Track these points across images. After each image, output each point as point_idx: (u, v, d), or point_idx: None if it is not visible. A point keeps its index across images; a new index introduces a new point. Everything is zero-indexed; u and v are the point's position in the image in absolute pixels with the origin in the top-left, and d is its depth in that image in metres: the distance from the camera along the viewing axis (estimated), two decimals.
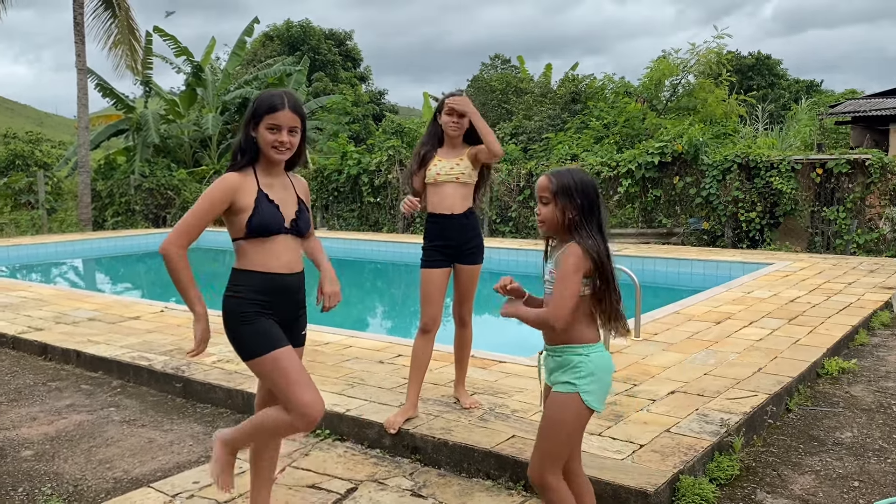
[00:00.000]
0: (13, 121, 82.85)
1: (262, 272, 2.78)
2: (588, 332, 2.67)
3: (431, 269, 4.20)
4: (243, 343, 2.76)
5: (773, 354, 5.39)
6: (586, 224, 2.62)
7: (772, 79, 40.96)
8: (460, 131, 4.16)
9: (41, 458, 4.10)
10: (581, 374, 2.63)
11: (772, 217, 12.51)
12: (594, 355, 2.65)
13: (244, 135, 2.81)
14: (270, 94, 2.80)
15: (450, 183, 4.15)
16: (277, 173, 2.88)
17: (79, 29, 18.33)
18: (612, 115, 17.66)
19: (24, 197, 20.32)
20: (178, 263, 2.71)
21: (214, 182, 2.77)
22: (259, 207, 2.75)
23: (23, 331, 6.63)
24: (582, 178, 2.67)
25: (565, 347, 2.67)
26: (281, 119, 2.75)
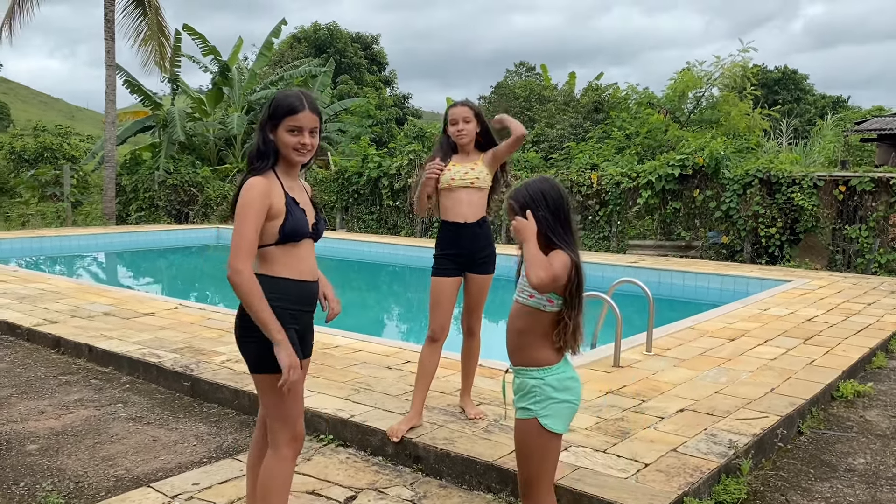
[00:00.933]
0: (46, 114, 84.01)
1: (294, 280, 2.71)
2: (545, 353, 2.62)
3: (442, 277, 4.18)
4: (263, 354, 2.64)
5: (787, 375, 5.30)
6: (559, 234, 2.56)
7: (798, 93, 40.57)
8: (469, 137, 4.14)
9: (45, 453, 4.12)
10: (537, 399, 2.60)
11: (792, 233, 12.35)
12: (550, 378, 2.60)
13: (262, 137, 2.72)
14: (287, 95, 2.72)
15: (464, 188, 4.12)
16: (294, 175, 2.82)
17: (109, 25, 18.56)
18: (635, 125, 17.54)
19: (49, 189, 20.59)
20: (254, 289, 2.56)
21: (245, 191, 2.62)
22: (291, 212, 2.68)
23: (38, 323, 6.69)
24: (537, 187, 2.60)
25: (522, 370, 2.65)
26: (302, 121, 2.68)
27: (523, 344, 2.64)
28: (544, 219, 2.57)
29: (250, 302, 2.57)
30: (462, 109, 4.12)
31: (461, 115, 4.11)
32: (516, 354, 2.68)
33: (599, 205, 14.37)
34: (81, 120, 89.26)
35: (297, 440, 2.75)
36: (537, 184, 2.63)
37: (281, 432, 2.71)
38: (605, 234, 14.33)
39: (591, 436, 4.03)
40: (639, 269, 11.27)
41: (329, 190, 18.54)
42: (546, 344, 2.62)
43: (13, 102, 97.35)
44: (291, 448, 2.73)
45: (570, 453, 3.77)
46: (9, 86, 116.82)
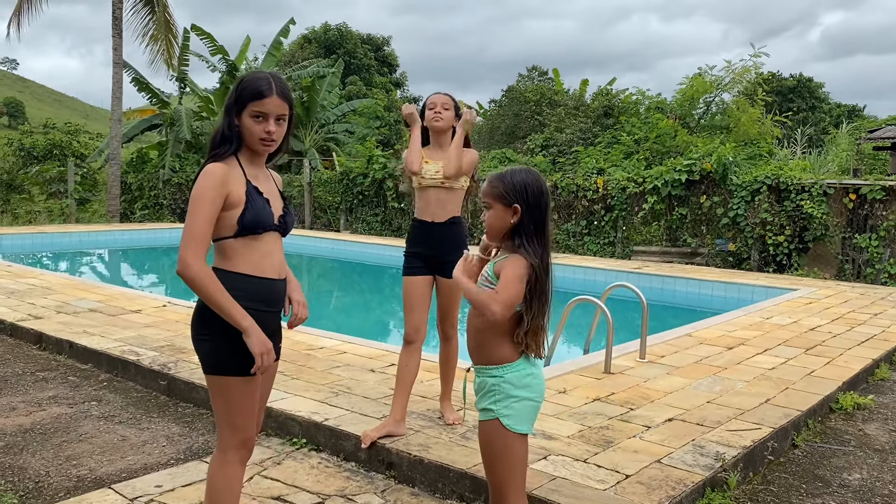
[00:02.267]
0: (60, 112, 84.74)
1: (255, 276, 2.51)
2: (504, 350, 2.49)
3: (412, 276, 4.02)
4: (220, 356, 2.49)
5: (784, 385, 5.11)
6: (529, 231, 2.44)
7: (813, 102, 40.20)
8: (445, 123, 3.96)
9: (9, 451, 3.99)
10: (497, 399, 2.48)
11: (801, 241, 12.11)
12: (510, 375, 2.48)
13: (227, 122, 2.52)
14: (256, 78, 2.51)
15: (434, 188, 3.96)
16: (260, 164, 2.62)
17: (116, 23, 18.55)
18: (644, 130, 17.34)
19: (55, 186, 20.59)
20: (206, 279, 2.38)
21: (200, 178, 2.44)
22: (251, 201, 2.48)
23: (22, 318, 6.59)
24: (524, 178, 2.47)
25: (482, 368, 2.53)
26: (268, 106, 2.47)
27: (482, 342, 2.51)
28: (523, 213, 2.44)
29: (206, 293, 2.39)
30: (443, 97, 3.99)
31: (441, 101, 3.97)
32: (476, 353, 2.56)
33: (605, 210, 14.18)
34: (95, 119, 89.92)
35: (245, 447, 2.59)
36: (521, 175, 2.49)
37: (228, 437, 2.55)
38: (610, 239, 14.14)
39: (573, 444, 3.86)
40: (642, 275, 11.08)
41: (334, 191, 18.43)
42: (505, 341, 2.49)
43: (28, 101, 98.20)
44: (238, 453, 2.57)
45: (548, 462, 3.60)
46: (24, 84, 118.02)
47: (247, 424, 2.57)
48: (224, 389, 2.52)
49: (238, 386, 2.52)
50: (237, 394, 2.53)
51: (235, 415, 2.54)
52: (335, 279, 14.04)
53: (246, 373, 2.51)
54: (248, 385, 2.54)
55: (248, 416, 2.57)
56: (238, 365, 2.50)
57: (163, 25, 19.83)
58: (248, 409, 2.56)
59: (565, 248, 14.52)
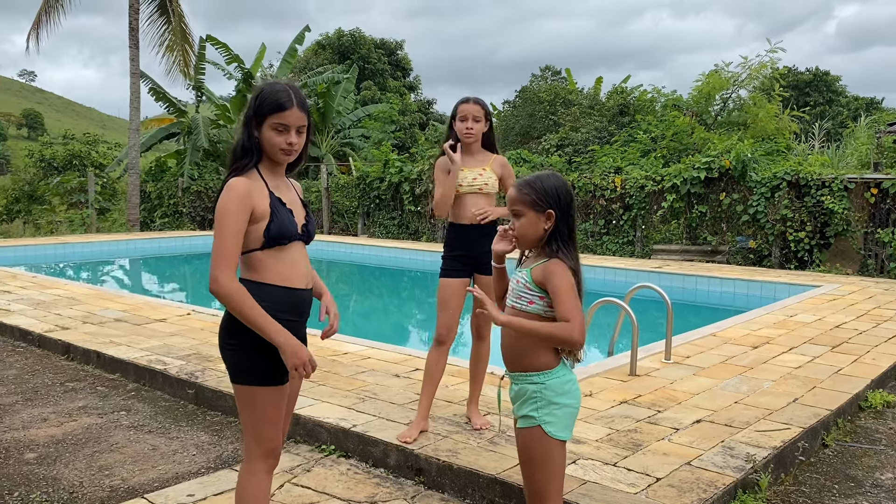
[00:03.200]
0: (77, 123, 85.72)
1: (285, 287, 2.53)
2: (545, 357, 2.49)
3: (450, 278, 4.10)
4: (247, 365, 2.50)
5: (812, 384, 5.07)
6: (564, 235, 2.47)
7: (830, 95, 39.82)
8: (476, 138, 4.07)
9: (43, 462, 4.04)
10: (539, 405, 2.47)
11: (822, 237, 12.01)
12: (551, 382, 2.48)
13: (247, 134, 2.53)
14: (275, 90, 2.52)
15: (471, 194, 4.07)
16: (280, 174, 2.64)
17: (133, 34, 18.73)
18: (660, 128, 17.27)
19: (76, 196, 20.82)
20: (238, 295, 2.39)
21: (224, 194, 2.44)
22: (276, 212, 2.50)
23: (49, 329, 6.67)
24: (554, 183, 2.49)
25: (521, 375, 2.52)
26: (289, 119, 2.49)
27: (523, 349, 2.51)
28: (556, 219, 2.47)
29: (239, 309, 2.41)
30: (474, 107, 4.00)
31: (472, 112, 4.00)
32: (515, 360, 2.55)
33: (623, 209, 14.13)
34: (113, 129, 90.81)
35: (272, 456, 2.59)
36: (551, 180, 2.51)
37: (254, 447, 2.57)
38: (629, 238, 14.08)
39: (602, 448, 3.85)
40: (663, 275, 11.03)
41: (350, 195, 18.50)
42: (545, 347, 2.49)
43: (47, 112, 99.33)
44: (265, 463, 2.58)
45: (578, 466, 3.60)
46: (43, 95, 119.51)
47: (273, 434, 2.58)
48: (250, 399, 2.54)
49: (264, 396, 2.54)
50: (263, 404, 2.54)
51: (261, 424, 2.55)
52: (354, 283, 14.09)
53: (272, 383, 2.53)
54: (275, 395, 2.55)
55: (275, 426, 2.58)
56: (265, 375, 2.52)
57: (179, 35, 20.00)
58: (274, 420, 2.57)
59: (584, 248, 14.47)
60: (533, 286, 2.48)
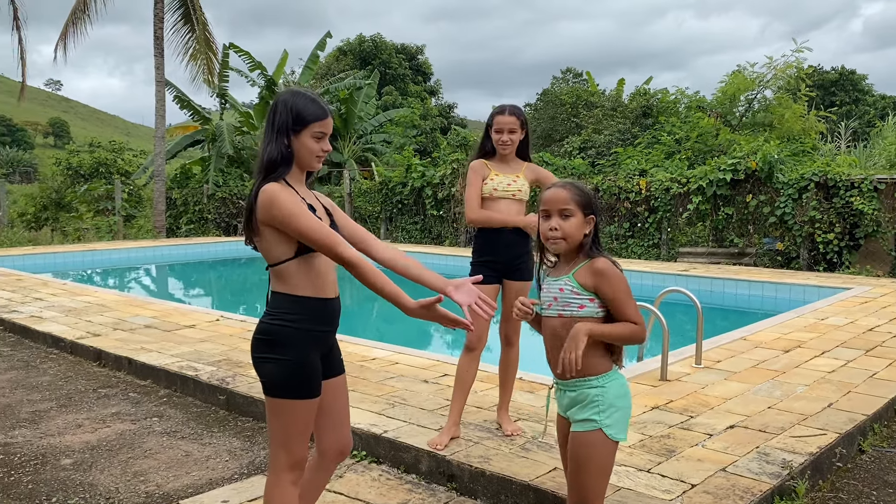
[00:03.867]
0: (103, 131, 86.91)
1: (317, 298, 2.55)
2: (602, 361, 2.53)
3: (479, 284, 4.07)
4: (283, 379, 2.51)
5: (847, 388, 5.00)
6: (596, 240, 2.55)
7: (856, 95, 39.31)
8: (513, 149, 4.11)
9: (79, 468, 4.09)
10: (601, 409, 2.49)
11: (851, 239, 11.85)
12: (610, 385, 2.52)
13: (283, 143, 2.54)
14: (309, 99, 2.56)
15: (505, 199, 4.08)
16: (303, 183, 2.67)
17: (158, 42, 18.96)
18: (685, 130, 17.14)
19: (103, 204, 21.09)
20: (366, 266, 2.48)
21: (274, 197, 2.44)
22: None
23: (81, 336, 6.75)
24: (590, 190, 2.58)
25: (579, 381, 2.52)
26: (327, 127, 2.58)
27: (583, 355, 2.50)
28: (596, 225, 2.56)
29: (372, 285, 2.49)
30: (510, 119, 4.01)
31: (508, 125, 4.02)
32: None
33: (648, 211, 14.04)
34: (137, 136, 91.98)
35: (298, 468, 2.60)
36: (585, 188, 2.59)
37: (281, 458, 2.57)
38: (654, 241, 13.99)
39: (635, 454, 3.83)
40: (690, 278, 10.94)
41: (373, 200, 18.56)
42: (600, 351, 2.53)
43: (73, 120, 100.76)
44: (291, 474, 2.58)
45: (612, 473, 3.57)
46: (69, 104, 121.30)
47: (300, 447, 2.58)
48: (282, 411, 2.54)
49: (296, 409, 2.54)
50: (295, 417, 2.55)
51: (290, 437, 2.56)
52: None
53: (305, 396, 2.53)
54: (307, 408, 2.56)
55: (303, 439, 2.58)
56: (298, 388, 2.53)
57: (203, 43, 20.20)
58: (303, 433, 2.58)
59: (609, 250, 14.33)
60: (580, 289, 2.50)
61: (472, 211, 4.10)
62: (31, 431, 4.68)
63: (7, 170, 49.63)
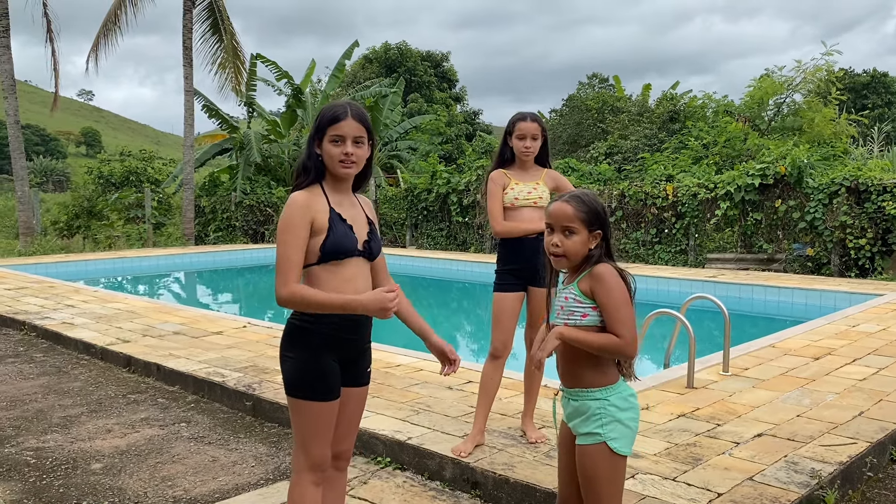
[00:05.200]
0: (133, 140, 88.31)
1: None
2: (607, 372, 2.48)
3: (504, 292, 4.13)
4: (296, 378, 2.59)
5: (878, 397, 4.92)
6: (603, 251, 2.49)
7: (889, 97, 38.65)
8: (533, 155, 4.13)
9: (109, 472, 4.16)
10: (604, 422, 2.44)
11: (884, 244, 11.64)
12: (614, 397, 2.46)
13: (308, 151, 2.63)
14: (332, 106, 2.63)
15: (527, 207, 4.10)
16: (345, 191, 2.69)
17: (187, 53, 19.23)
18: (712, 134, 17.00)
19: (133, 212, 21.41)
20: (296, 295, 2.49)
21: (285, 208, 2.55)
22: (333, 228, 2.56)
23: (111, 342, 6.86)
24: (600, 203, 2.53)
25: (582, 392, 2.49)
26: (344, 129, 2.56)
27: (583, 365, 2.49)
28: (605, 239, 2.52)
29: (307, 304, 2.51)
30: (532, 126, 4.06)
31: (531, 131, 4.06)
32: (574, 377, 2.52)
33: (675, 217, 13.92)
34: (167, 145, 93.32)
35: (319, 469, 2.63)
36: (594, 199, 2.55)
37: (302, 459, 2.63)
38: (682, 247, 13.87)
39: (660, 462, 3.79)
40: (718, 284, 10.83)
41: (399, 207, 18.64)
42: (605, 363, 2.49)
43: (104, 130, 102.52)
44: (312, 475, 2.62)
45: (636, 481, 3.55)
46: (101, 114, 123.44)
47: (320, 448, 2.62)
48: (300, 411, 2.60)
49: (313, 410, 2.59)
50: (312, 418, 2.59)
51: (309, 437, 2.61)
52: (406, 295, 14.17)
53: (321, 398, 2.58)
54: (324, 410, 2.60)
55: (322, 440, 2.62)
56: (315, 390, 2.58)
57: (231, 53, 20.46)
58: (321, 434, 2.62)
59: (635, 257, 14.30)
60: (583, 298, 2.47)
61: (496, 223, 4.12)
62: (62, 436, 4.76)
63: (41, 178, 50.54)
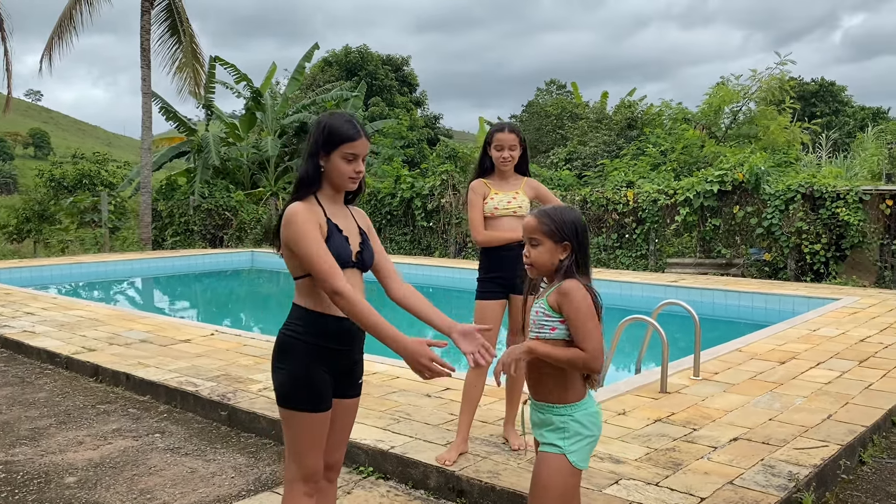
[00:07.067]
0: (84, 141, 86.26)
1: (330, 315, 2.58)
2: (574, 389, 2.52)
3: (487, 300, 4.17)
4: (287, 389, 2.58)
5: (844, 400, 5.07)
6: (579, 266, 2.52)
7: (836, 106, 39.84)
8: (512, 166, 4.19)
9: (84, 486, 4.06)
10: (566, 436, 2.50)
11: (838, 249, 12.01)
12: (579, 414, 2.51)
13: (313, 163, 2.61)
14: (342, 121, 2.61)
15: (507, 216, 4.15)
16: (339, 202, 2.71)
17: (145, 54, 18.88)
18: (670, 141, 17.32)
19: (88, 216, 20.91)
20: (356, 301, 2.47)
21: (291, 221, 2.52)
22: (331, 238, 2.56)
23: (77, 351, 6.70)
24: (573, 216, 2.56)
25: (547, 406, 2.54)
26: (359, 148, 2.60)
27: (551, 381, 2.53)
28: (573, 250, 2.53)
29: (356, 316, 2.48)
30: (510, 137, 4.11)
31: (508, 142, 4.12)
32: (540, 390, 2.57)
33: (636, 223, 14.15)
34: (119, 146, 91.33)
35: (312, 480, 2.63)
36: (570, 213, 2.58)
37: (294, 470, 2.62)
38: (642, 252, 14.09)
39: (642, 467, 3.86)
40: (679, 289, 11.03)
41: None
42: (573, 379, 2.53)
43: (53, 131, 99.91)
44: (305, 486, 2.62)
45: (620, 486, 3.60)
46: (49, 115, 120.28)
47: (312, 459, 2.62)
48: (293, 423, 2.60)
49: (305, 421, 2.58)
50: (303, 429, 2.59)
51: (301, 448, 2.61)
52: (372, 301, 14.12)
53: (313, 409, 2.57)
54: (315, 422, 2.60)
55: (314, 451, 2.62)
56: (306, 400, 2.57)
57: (190, 55, 20.14)
58: (313, 445, 2.61)
59: (597, 262, 14.47)
60: (551, 312, 2.52)
61: (477, 233, 4.15)
62: (31, 449, 4.64)
63: None
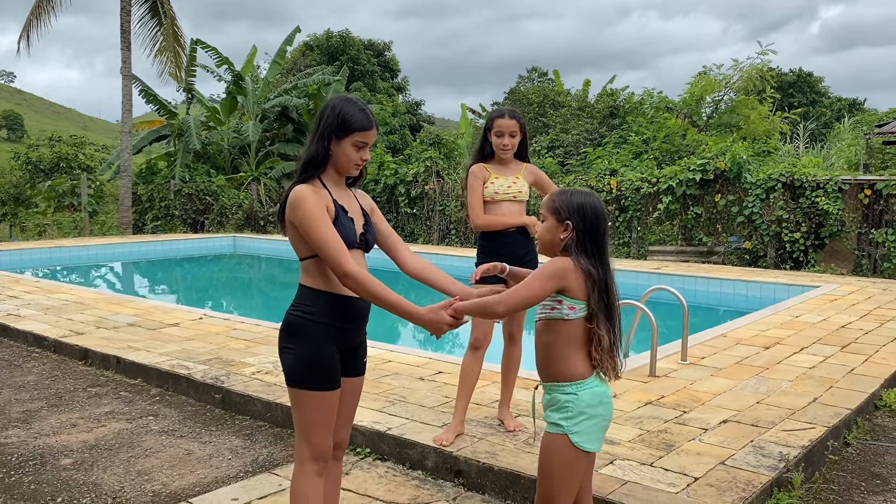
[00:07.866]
0: (58, 124, 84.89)
1: (337, 294, 2.61)
2: (579, 366, 2.52)
3: (486, 286, 4.16)
4: (298, 369, 2.60)
5: (828, 384, 5.19)
6: (585, 248, 2.49)
7: (813, 96, 40.31)
8: (513, 152, 4.20)
9: (80, 467, 4.07)
10: (569, 415, 2.49)
11: (817, 238, 12.20)
12: (584, 393, 2.50)
13: (323, 145, 2.63)
14: (357, 109, 2.64)
15: (506, 201, 4.18)
16: (342, 184, 2.75)
17: (125, 36, 18.63)
18: (652, 130, 17.45)
19: (67, 199, 20.66)
20: (366, 280, 2.51)
21: (299, 203, 2.54)
22: (338, 220, 2.60)
23: (65, 335, 6.66)
24: (581, 199, 2.54)
25: (553, 385, 2.55)
26: (370, 137, 2.66)
27: (552, 358, 2.55)
28: (575, 231, 2.51)
29: (370, 295, 2.53)
30: (511, 123, 4.11)
31: (509, 128, 4.12)
32: (546, 369, 2.58)
33: (619, 210, 14.26)
34: (94, 129, 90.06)
35: (321, 459, 2.66)
36: (580, 196, 2.57)
37: (304, 449, 2.65)
38: (625, 240, 14.22)
39: (636, 448, 3.94)
40: (662, 276, 11.16)
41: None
42: (577, 357, 2.52)
43: (27, 113, 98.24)
44: (315, 464, 2.65)
45: (615, 467, 3.68)
46: (23, 97, 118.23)
47: (321, 437, 2.66)
48: (302, 402, 2.63)
49: (315, 400, 2.62)
50: (313, 408, 2.62)
51: (310, 428, 2.64)
52: None
53: (322, 388, 2.61)
54: (324, 400, 2.63)
55: (323, 430, 2.65)
56: (316, 379, 2.60)
57: (170, 37, 19.91)
58: (323, 424, 2.65)
59: None
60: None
61: (477, 217, 4.18)
62: (24, 431, 4.63)
63: None
